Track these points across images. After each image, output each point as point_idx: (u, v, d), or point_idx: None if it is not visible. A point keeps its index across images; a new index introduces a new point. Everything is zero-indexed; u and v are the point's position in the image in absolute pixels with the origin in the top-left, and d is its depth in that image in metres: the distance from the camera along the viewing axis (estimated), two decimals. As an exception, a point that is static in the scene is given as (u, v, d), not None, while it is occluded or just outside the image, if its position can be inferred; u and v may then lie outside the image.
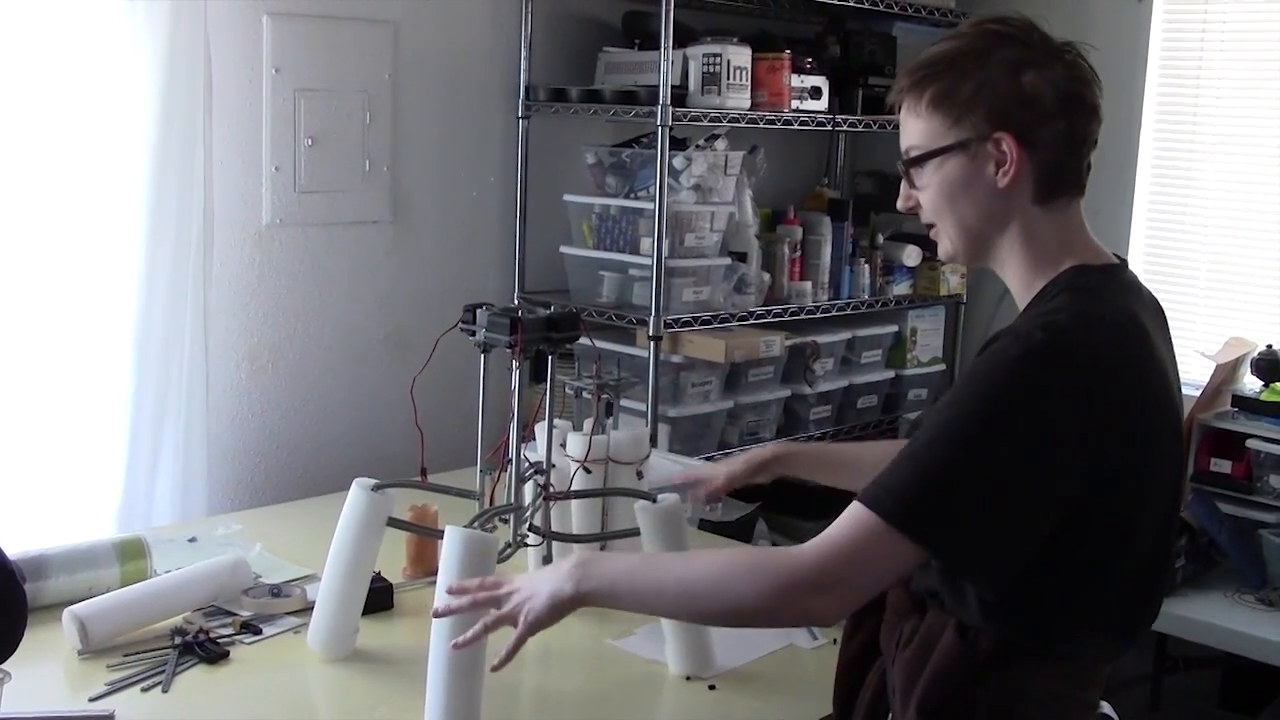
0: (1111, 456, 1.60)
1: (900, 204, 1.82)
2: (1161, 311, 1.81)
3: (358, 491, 2.18)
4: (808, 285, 3.89)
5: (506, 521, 2.18)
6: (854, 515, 1.63)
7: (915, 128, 1.76)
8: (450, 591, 1.85)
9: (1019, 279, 1.76)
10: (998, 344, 1.63)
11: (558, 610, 1.75)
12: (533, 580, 1.80)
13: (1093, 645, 1.71)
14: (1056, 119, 1.69)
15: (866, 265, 4.05)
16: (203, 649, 2.17)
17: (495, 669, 1.80)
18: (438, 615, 1.86)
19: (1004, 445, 1.57)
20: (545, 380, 2.19)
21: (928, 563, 1.73)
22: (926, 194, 1.77)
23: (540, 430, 2.33)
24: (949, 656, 1.70)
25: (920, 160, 1.75)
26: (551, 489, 2.24)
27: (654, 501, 2.22)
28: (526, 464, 2.21)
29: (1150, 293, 1.81)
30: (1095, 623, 1.69)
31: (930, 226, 1.81)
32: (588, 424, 2.58)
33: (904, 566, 1.64)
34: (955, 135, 1.72)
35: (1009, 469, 1.57)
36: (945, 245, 1.80)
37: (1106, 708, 1.86)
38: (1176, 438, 1.73)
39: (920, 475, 1.60)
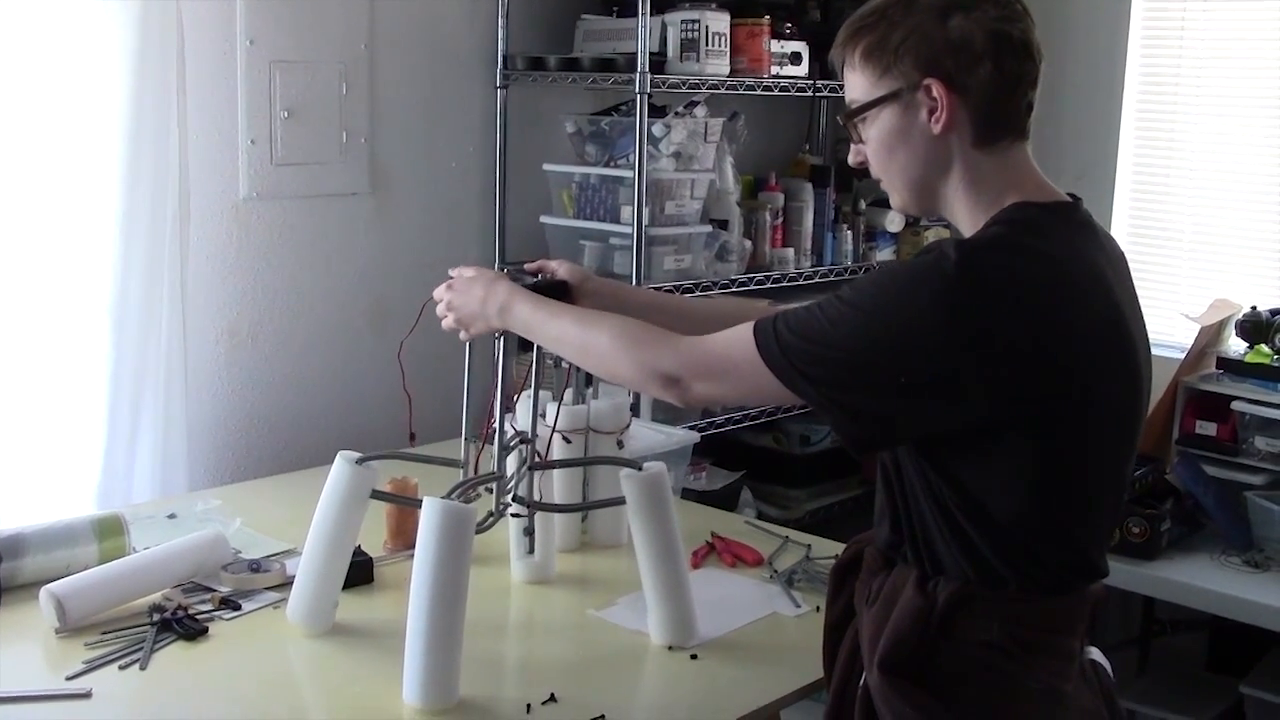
0: (1027, 385, 1.61)
1: (851, 159, 1.84)
2: (1122, 256, 1.80)
3: (341, 465, 2.16)
4: (790, 252, 3.88)
5: (489, 491, 2.16)
6: (744, 341, 1.74)
7: (853, 82, 1.78)
8: None
9: (967, 223, 1.76)
10: (926, 255, 1.67)
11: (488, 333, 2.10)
12: (462, 305, 2.07)
13: (1048, 587, 1.70)
14: (985, 60, 1.69)
15: (849, 231, 4.04)
16: (181, 625, 2.15)
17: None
18: None
19: (883, 341, 1.63)
20: (532, 350, 2.17)
21: (884, 514, 1.80)
22: (870, 147, 1.79)
23: (523, 401, 2.32)
24: (908, 609, 1.71)
25: (858, 113, 1.77)
26: (538, 459, 2.23)
27: (639, 470, 2.21)
28: (512, 432, 2.20)
29: (1110, 236, 1.81)
30: (1049, 564, 1.70)
31: (879, 181, 1.83)
32: (568, 394, 2.57)
33: (776, 396, 1.75)
34: (887, 85, 1.73)
35: (881, 364, 1.64)
36: (894, 197, 1.82)
37: (1096, 654, 1.86)
38: (1132, 380, 1.72)
39: (804, 336, 1.68)
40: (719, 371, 1.79)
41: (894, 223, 4.13)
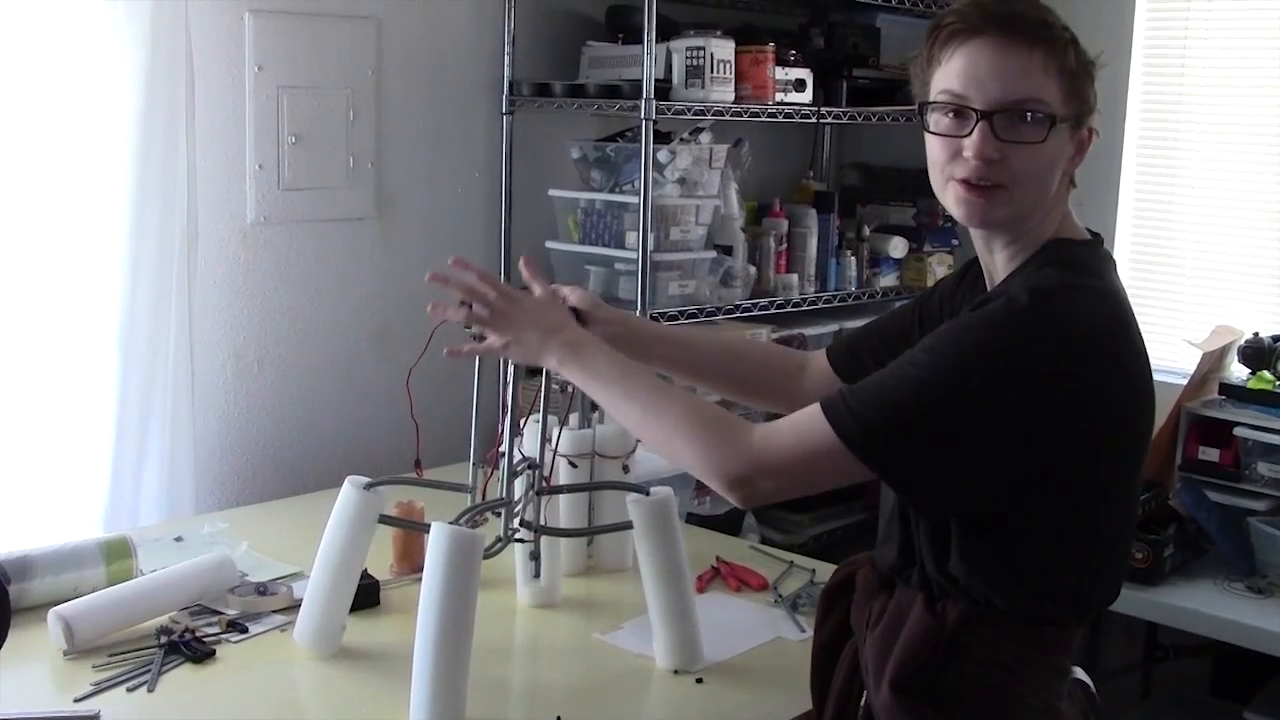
0: (1092, 425, 1.63)
1: (976, 152, 1.68)
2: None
3: (349, 490, 2.16)
4: (794, 278, 3.90)
5: (497, 515, 2.17)
6: (815, 426, 1.67)
7: (1051, 86, 1.69)
8: (454, 264, 2.01)
9: (1008, 251, 1.77)
10: (990, 304, 1.66)
11: (531, 365, 1.99)
12: (528, 321, 1.95)
13: (1059, 612, 1.72)
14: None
15: (853, 257, 4.06)
16: (189, 648, 2.16)
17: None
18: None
19: (973, 400, 1.61)
20: (540, 374, 2.18)
21: (890, 536, 1.79)
22: (1023, 153, 1.68)
23: (530, 426, 2.32)
24: (919, 630, 1.72)
25: (1050, 120, 1.69)
26: (545, 484, 2.24)
27: (646, 494, 2.21)
28: (520, 458, 2.21)
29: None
30: (1064, 590, 1.71)
31: (987, 187, 1.70)
32: (573, 418, 2.58)
33: (849, 478, 1.69)
34: (1077, 108, 1.73)
35: (974, 424, 1.61)
36: (1005, 208, 1.71)
37: (1079, 673, 1.88)
38: (1152, 410, 1.76)
39: (886, 408, 1.63)
40: (791, 466, 1.70)
41: (897, 249, 4.14)
